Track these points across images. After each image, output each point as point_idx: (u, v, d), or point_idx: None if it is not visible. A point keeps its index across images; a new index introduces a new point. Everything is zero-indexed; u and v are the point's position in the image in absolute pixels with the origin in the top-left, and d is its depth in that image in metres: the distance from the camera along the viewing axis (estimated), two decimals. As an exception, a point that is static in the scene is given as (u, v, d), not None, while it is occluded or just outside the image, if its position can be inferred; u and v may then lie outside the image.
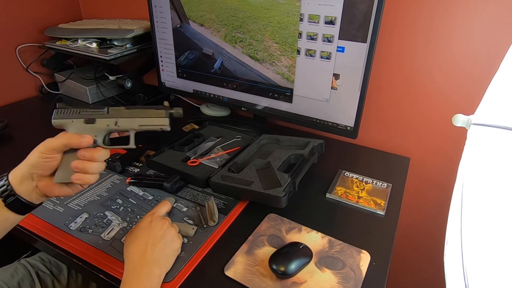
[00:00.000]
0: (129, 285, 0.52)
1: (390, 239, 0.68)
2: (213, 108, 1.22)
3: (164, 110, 0.57)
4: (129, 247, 0.58)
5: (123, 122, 0.56)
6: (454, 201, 0.41)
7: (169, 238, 0.59)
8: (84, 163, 0.53)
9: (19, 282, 0.71)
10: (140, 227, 0.60)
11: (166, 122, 0.58)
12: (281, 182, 0.73)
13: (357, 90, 0.82)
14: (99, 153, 0.54)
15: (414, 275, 1.19)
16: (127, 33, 1.13)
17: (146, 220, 0.61)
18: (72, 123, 0.55)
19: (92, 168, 0.54)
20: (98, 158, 0.54)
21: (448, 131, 0.93)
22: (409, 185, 0.88)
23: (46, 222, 0.68)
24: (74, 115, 0.55)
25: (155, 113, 0.57)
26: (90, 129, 0.55)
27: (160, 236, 0.58)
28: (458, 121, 0.43)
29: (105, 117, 0.56)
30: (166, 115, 0.57)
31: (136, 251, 0.56)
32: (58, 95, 1.33)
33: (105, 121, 0.56)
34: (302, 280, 0.58)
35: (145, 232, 0.59)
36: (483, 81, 0.84)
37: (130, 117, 0.57)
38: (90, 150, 0.54)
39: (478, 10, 0.80)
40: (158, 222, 0.60)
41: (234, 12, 0.91)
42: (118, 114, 0.57)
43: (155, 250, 0.56)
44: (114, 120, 0.56)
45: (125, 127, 0.57)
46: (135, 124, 0.57)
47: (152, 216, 0.61)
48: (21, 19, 1.23)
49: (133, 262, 0.55)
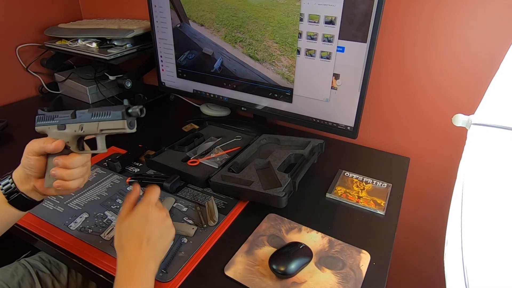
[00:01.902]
0: (125, 284, 0.50)
1: (390, 239, 0.68)
2: (213, 108, 1.22)
3: (120, 111, 0.50)
4: (122, 239, 0.53)
5: (86, 127, 0.53)
6: (454, 201, 0.41)
7: (167, 232, 0.56)
8: (61, 170, 0.52)
9: (19, 282, 0.71)
10: (135, 218, 0.55)
11: (123, 125, 0.50)
12: (281, 182, 0.73)
13: (357, 90, 0.82)
14: (72, 160, 0.53)
15: (414, 275, 1.19)
16: (127, 33, 1.13)
17: (142, 210, 0.55)
18: (49, 129, 0.55)
19: (69, 175, 0.53)
20: (72, 164, 0.53)
21: (448, 131, 0.93)
22: (409, 185, 0.88)
23: (46, 222, 0.68)
24: (50, 121, 0.55)
25: (113, 115, 0.51)
26: (62, 135, 0.54)
27: (159, 231, 0.55)
28: (458, 121, 0.43)
29: (72, 122, 0.54)
30: (123, 117, 0.50)
31: (131, 246, 0.52)
32: (58, 95, 1.34)
33: (73, 126, 0.54)
34: (302, 280, 0.58)
35: (142, 225, 0.54)
36: (483, 81, 0.84)
37: (92, 121, 0.53)
38: (63, 157, 0.53)
39: (478, 10, 0.80)
40: (157, 215, 0.56)
41: (234, 12, 0.91)
42: (82, 118, 0.53)
43: (152, 246, 0.53)
44: (79, 125, 0.53)
45: (89, 131, 0.53)
46: (97, 128, 0.52)
47: (148, 206, 0.56)
48: (21, 19, 1.23)
49: (127, 259, 0.52)
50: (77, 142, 0.55)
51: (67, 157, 0.53)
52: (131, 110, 0.49)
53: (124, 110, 0.50)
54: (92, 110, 0.53)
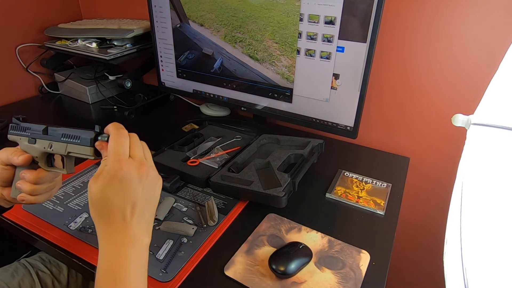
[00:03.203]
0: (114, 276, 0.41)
1: (389, 239, 0.68)
2: (213, 108, 1.22)
3: (89, 138, 0.48)
4: (103, 207, 0.42)
5: (55, 146, 0.51)
6: (453, 201, 0.41)
7: (152, 189, 0.46)
8: (26, 184, 0.51)
9: (19, 282, 0.71)
10: (107, 183, 0.42)
11: (91, 152, 0.49)
12: (281, 182, 0.73)
13: (357, 90, 0.82)
14: (38, 176, 0.51)
15: (415, 273, 1.19)
16: (127, 33, 1.13)
17: (113, 171, 0.42)
18: (20, 140, 0.54)
19: (34, 190, 0.51)
20: (38, 180, 0.51)
21: (449, 130, 0.93)
22: (410, 184, 0.88)
23: (46, 222, 0.68)
24: (22, 132, 0.53)
25: (82, 140, 0.49)
26: (32, 148, 0.53)
27: (153, 197, 0.46)
28: (458, 121, 0.43)
29: (42, 138, 0.52)
30: (91, 143, 0.48)
31: (116, 217, 0.42)
32: (58, 95, 1.33)
33: (43, 142, 0.52)
34: (302, 280, 0.58)
35: (134, 188, 0.43)
36: (483, 81, 0.84)
37: (61, 142, 0.51)
38: (30, 171, 0.52)
39: (479, 10, 0.80)
40: (153, 178, 0.46)
41: (234, 12, 0.91)
42: (52, 136, 0.51)
43: (144, 216, 0.44)
44: (49, 143, 0.52)
45: (57, 151, 0.51)
46: (65, 150, 0.51)
47: (120, 163, 0.43)
48: (21, 19, 1.23)
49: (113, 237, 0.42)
50: (46, 158, 0.54)
51: (34, 172, 0.52)
52: (101, 137, 0.48)
53: (93, 136, 0.48)
54: (63, 130, 0.51)
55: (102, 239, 0.43)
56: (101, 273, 0.42)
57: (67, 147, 0.50)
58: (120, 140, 0.44)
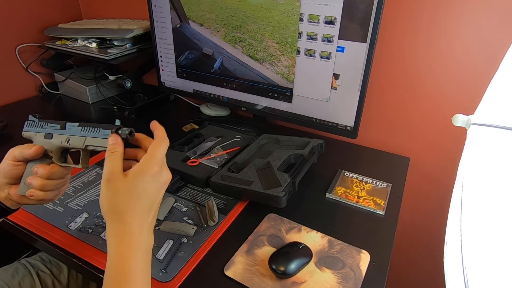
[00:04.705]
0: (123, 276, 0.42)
1: (390, 239, 0.68)
2: (213, 108, 1.22)
3: (110, 130, 0.50)
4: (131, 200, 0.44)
5: (73, 140, 0.53)
6: (453, 201, 0.41)
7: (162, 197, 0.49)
8: (37, 179, 0.51)
9: (19, 282, 0.71)
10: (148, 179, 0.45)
11: None
12: (281, 182, 0.73)
13: (357, 90, 0.82)
14: (51, 171, 0.52)
15: (415, 273, 1.19)
16: (127, 33, 1.13)
17: (156, 169, 0.45)
18: (35, 136, 0.55)
19: (45, 185, 0.52)
20: (51, 175, 0.52)
21: (449, 130, 0.93)
22: (410, 184, 0.88)
23: (46, 222, 0.68)
24: (38, 129, 0.55)
25: (102, 133, 0.51)
26: (48, 144, 0.54)
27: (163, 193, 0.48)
28: (458, 121, 0.43)
29: (60, 133, 0.53)
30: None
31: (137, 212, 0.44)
32: (58, 95, 1.34)
33: (60, 137, 0.53)
34: (302, 280, 0.58)
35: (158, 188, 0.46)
36: (484, 81, 0.84)
37: (80, 135, 0.52)
38: (43, 166, 0.52)
39: (479, 10, 0.80)
40: (168, 176, 0.48)
41: (234, 12, 0.91)
42: (71, 131, 0.53)
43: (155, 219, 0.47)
44: (66, 137, 0.53)
45: (75, 145, 0.53)
46: (83, 143, 0.52)
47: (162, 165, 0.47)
48: (21, 19, 1.23)
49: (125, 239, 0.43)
50: (60, 153, 0.54)
51: (47, 166, 0.52)
52: (121, 131, 0.49)
53: (114, 130, 0.49)
54: (82, 124, 0.53)
55: (111, 238, 0.44)
56: (110, 272, 0.43)
57: (85, 140, 0.52)
58: (165, 147, 0.48)
